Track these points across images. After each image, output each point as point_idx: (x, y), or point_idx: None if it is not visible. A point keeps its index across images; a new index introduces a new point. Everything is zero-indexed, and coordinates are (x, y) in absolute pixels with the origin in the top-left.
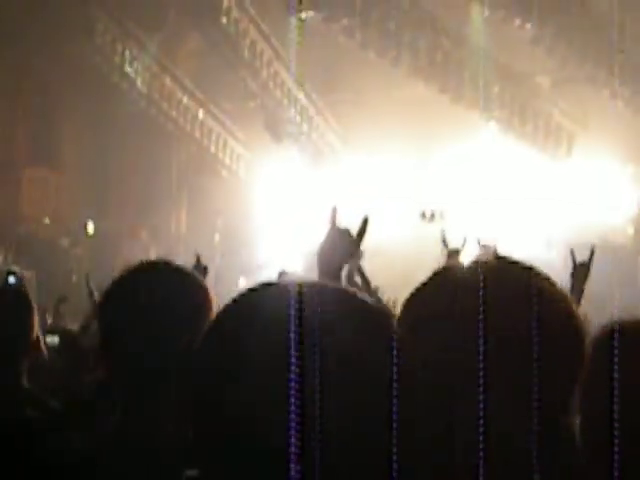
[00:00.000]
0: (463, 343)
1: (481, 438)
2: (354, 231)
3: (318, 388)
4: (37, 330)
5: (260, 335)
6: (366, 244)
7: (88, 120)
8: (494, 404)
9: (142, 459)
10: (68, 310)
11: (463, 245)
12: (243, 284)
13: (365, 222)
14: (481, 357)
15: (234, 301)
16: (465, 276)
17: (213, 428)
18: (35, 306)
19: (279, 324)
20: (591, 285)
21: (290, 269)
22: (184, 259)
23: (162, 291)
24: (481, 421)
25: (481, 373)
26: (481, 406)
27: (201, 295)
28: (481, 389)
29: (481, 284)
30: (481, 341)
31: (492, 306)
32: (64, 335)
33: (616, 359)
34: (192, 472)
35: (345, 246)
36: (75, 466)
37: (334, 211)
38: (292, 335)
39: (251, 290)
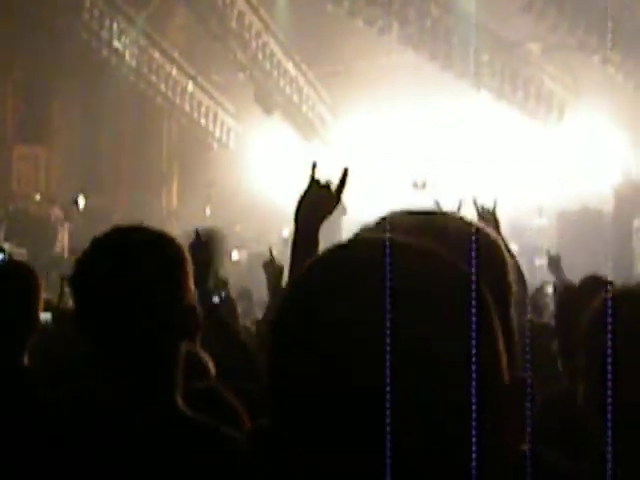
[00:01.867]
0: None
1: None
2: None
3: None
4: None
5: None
6: (359, 216)
7: (78, 96)
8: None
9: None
10: (59, 283)
11: (459, 208)
12: (236, 257)
13: (345, 173)
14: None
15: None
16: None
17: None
18: (42, 285)
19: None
20: (572, 251)
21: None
22: (176, 233)
23: (134, 250)
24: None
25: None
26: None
27: (174, 250)
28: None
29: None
30: None
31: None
32: (59, 314)
33: (613, 324)
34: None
35: (324, 200)
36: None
37: (314, 166)
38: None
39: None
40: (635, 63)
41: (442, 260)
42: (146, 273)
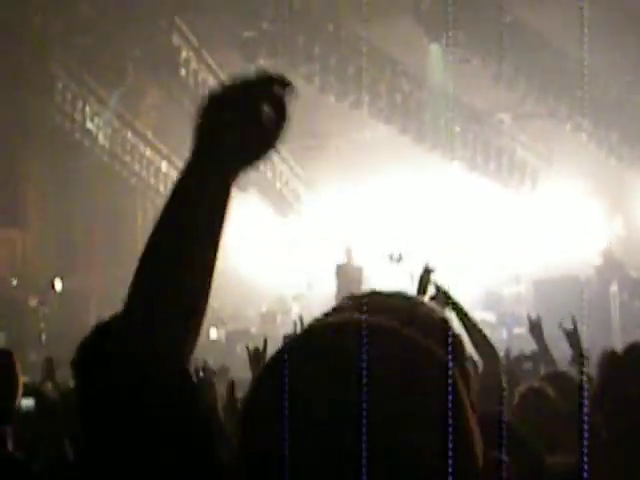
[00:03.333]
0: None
1: None
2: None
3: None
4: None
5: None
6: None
7: (51, 178)
8: None
9: None
10: (37, 368)
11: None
12: (214, 335)
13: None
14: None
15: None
16: None
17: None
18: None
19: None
20: (558, 318)
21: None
22: None
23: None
24: None
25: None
26: None
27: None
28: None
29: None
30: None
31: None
32: (41, 399)
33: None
34: None
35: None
36: None
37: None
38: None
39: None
40: (606, 130)
41: (417, 345)
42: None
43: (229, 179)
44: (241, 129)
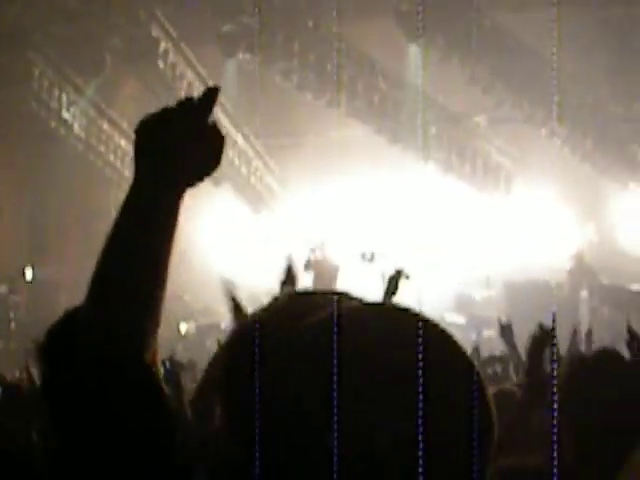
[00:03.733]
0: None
1: None
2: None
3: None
4: None
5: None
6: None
7: (25, 166)
8: None
9: None
10: (9, 357)
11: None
12: (184, 329)
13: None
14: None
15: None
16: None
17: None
18: None
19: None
20: (528, 324)
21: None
22: None
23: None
24: None
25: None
26: None
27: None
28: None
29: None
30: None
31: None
32: (7, 387)
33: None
34: None
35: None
36: None
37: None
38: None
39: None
40: (581, 136)
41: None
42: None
43: (173, 194)
44: (181, 146)
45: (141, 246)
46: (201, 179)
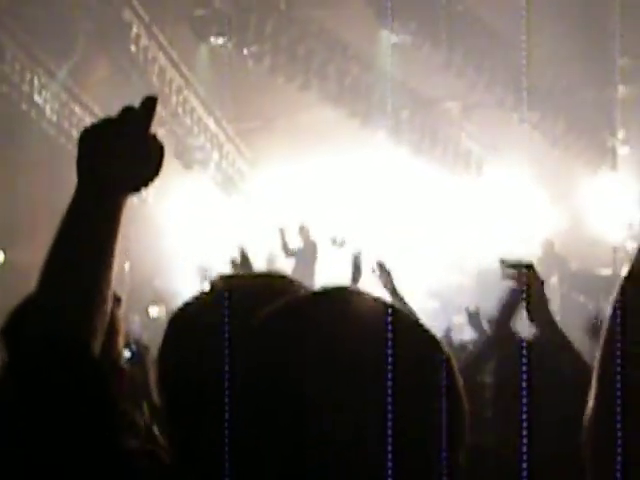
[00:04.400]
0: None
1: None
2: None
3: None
4: None
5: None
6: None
7: None
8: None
9: None
10: None
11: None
12: (155, 313)
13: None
14: None
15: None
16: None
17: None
18: None
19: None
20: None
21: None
22: None
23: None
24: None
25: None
26: None
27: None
28: None
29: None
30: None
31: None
32: None
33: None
34: None
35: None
36: None
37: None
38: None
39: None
40: (552, 121)
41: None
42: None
43: (113, 200)
44: (121, 155)
45: (85, 243)
46: (140, 188)
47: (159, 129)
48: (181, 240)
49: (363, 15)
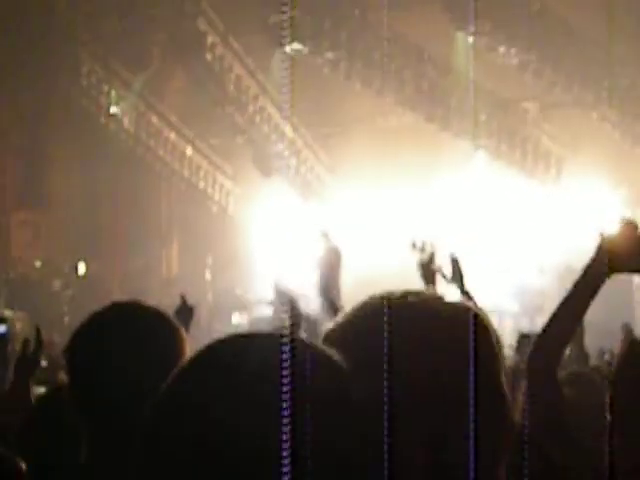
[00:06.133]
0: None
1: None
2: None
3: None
4: None
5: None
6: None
7: (77, 161)
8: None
9: None
10: (59, 349)
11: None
12: (237, 320)
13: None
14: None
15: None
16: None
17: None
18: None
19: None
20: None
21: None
22: (176, 299)
23: (129, 334)
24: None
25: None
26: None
27: (171, 337)
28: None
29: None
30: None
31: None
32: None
33: None
34: None
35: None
36: None
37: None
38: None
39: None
40: (632, 119)
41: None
42: (138, 353)
43: None
44: None
45: None
46: None
47: (238, 137)
48: (261, 247)
49: (437, 18)
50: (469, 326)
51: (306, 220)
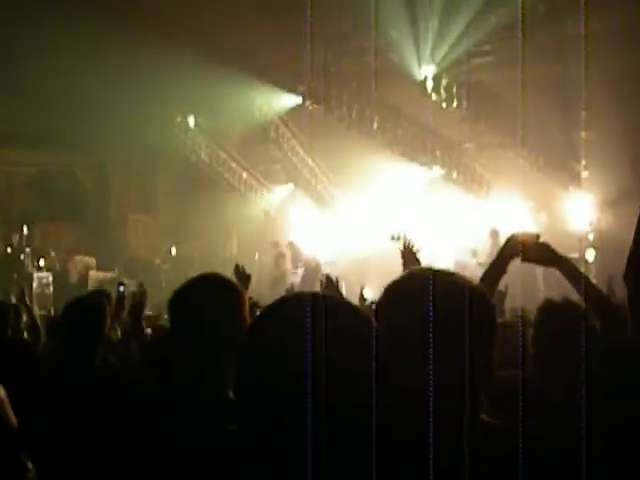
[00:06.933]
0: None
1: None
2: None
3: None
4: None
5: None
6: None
7: (174, 182)
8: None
9: (190, 411)
10: (158, 306)
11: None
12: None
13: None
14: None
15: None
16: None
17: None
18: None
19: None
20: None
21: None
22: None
23: (211, 293)
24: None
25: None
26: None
27: (236, 299)
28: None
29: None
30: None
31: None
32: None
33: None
34: (232, 427)
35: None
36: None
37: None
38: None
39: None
40: (537, 155)
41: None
42: (218, 306)
43: None
44: None
45: None
46: None
47: (276, 165)
48: (291, 237)
49: (411, 86)
50: (485, 298)
51: (320, 220)
